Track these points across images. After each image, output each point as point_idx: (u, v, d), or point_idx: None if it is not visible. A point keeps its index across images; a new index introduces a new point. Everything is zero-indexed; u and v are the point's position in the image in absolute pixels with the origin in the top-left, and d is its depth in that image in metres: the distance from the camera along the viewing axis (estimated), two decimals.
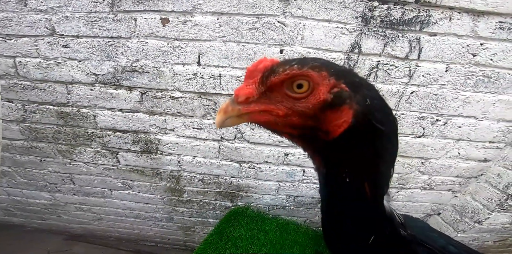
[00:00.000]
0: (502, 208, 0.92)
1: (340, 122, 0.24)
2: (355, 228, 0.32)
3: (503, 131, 0.87)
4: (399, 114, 0.85)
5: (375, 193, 0.27)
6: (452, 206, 1.11)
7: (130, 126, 0.94)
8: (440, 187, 1.04)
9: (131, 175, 1.07)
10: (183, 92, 0.86)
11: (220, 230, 0.89)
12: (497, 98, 0.80)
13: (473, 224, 1.02)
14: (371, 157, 0.25)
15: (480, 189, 1.00)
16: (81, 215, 1.34)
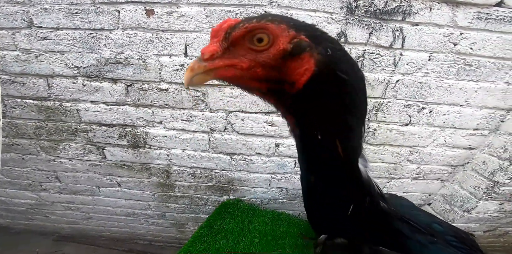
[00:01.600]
0: (489, 196, 0.95)
1: (302, 70, 0.25)
2: (332, 195, 0.32)
3: (486, 118, 0.89)
4: (386, 102, 0.86)
5: (347, 151, 0.28)
6: (441, 195, 1.14)
7: (115, 119, 0.91)
8: (429, 176, 1.06)
9: (119, 171, 1.05)
10: (170, 84, 0.84)
11: (210, 223, 0.89)
12: (479, 85, 0.82)
13: (463, 213, 1.04)
14: (339, 110, 0.25)
15: (467, 177, 1.03)
16: (69, 214, 1.30)
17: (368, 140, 0.94)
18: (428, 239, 0.38)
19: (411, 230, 0.37)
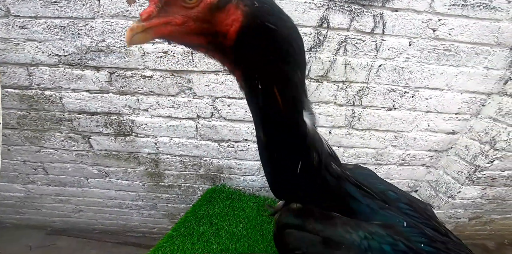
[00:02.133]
0: (471, 181, 0.98)
1: (230, 21, 0.27)
2: (280, 153, 0.32)
3: (467, 102, 0.92)
4: (370, 86, 0.88)
5: (287, 103, 0.28)
6: (427, 182, 1.17)
7: (100, 107, 0.90)
8: (415, 162, 1.09)
9: (107, 161, 1.04)
10: (155, 71, 0.84)
11: (195, 208, 0.90)
12: (459, 70, 0.84)
13: (447, 199, 1.08)
14: (273, 59, 0.27)
15: (451, 163, 1.06)
16: (60, 207, 1.29)
17: (354, 125, 0.95)
18: (379, 204, 0.39)
19: (363, 195, 0.38)
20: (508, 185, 1.03)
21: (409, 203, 0.44)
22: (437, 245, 0.37)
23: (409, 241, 0.35)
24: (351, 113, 0.93)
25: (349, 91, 0.89)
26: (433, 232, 0.39)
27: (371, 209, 0.38)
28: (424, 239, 0.37)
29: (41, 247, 1.49)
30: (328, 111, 0.92)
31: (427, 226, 0.40)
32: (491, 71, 0.84)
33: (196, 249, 0.75)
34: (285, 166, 0.34)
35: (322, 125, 0.95)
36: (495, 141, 0.89)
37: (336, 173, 0.35)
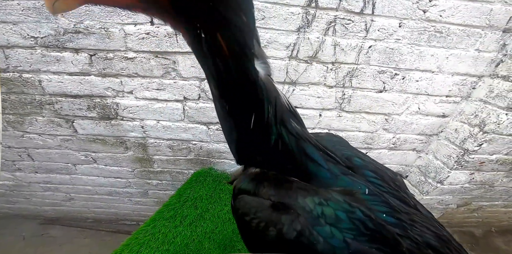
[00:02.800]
0: (459, 165, 0.99)
1: None
2: (231, 103, 0.30)
3: (458, 85, 0.91)
4: (360, 68, 0.86)
5: (232, 48, 0.26)
6: (417, 167, 1.18)
7: (82, 90, 0.87)
8: (405, 146, 1.09)
9: (93, 146, 1.02)
10: (138, 52, 0.80)
11: (180, 192, 0.89)
12: (450, 52, 0.83)
13: (436, 184, 1.08)
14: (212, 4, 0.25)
15: (440, 147, 1.06)
16: (50, 195, 1.28)
17: (344, 107, 0.94)
18: (341, 170, 0.37)
19: (325, 159, 0.36)
20: (496, 170, 1.04)
21: (376, 171, 0.41)
22: (401, 216, 0.34)
23: (369, 209, 0.33)
24: (341, 95, 0.91)
25: (338, 73, 0.87)
26: (398, 203, 0.37)
27: (332, 174, 0.35)
28: (386, 208, 0.34)
29: (34, 236, 1.49)
30: (317, 92, 0.90)
31: (394, 196, 0.38)
32: (483, 53, 0.83)
33: (179, 232, 0.74)
34: (239, 121, 0.32)
35: (312, 107, 0.94)
36: (484, 124, 0.88)
37: (295, 131, 0.33)
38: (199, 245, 0.71)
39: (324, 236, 0.29)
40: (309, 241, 0.29)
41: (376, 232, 0.30)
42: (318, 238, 0.29)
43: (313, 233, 0.29)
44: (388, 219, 0.33)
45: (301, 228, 0.29)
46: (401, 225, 0.33)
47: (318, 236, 0.29)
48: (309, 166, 0.34)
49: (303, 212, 0.31)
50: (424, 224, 0.35)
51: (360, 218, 0.31)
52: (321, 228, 0.29)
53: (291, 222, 0.30)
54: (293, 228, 0.29)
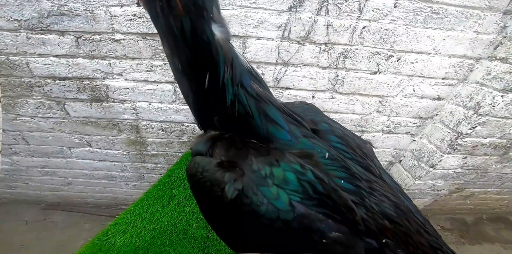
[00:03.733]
0: (452, 149, 0.98)
1: None
2: (184, 62, 0.29)
3: (454, 67, 0.88)
4: (354, 49, 0.84)
5: (188, 6, 0.25)
6: (411, 151, 1.18)
7: (70, 72, 0.86)
8: (399, 130, 1.08)
9: (86, 129, 1.03)
10: (125, 34, 0.79)
11: (169, 172, 0.89)
12: (447, 34, 0.80)
13: (428, 168, 1.08)
14: None
15: (434, 130, 1.05)
16: (49, 180, 1.31)
17: (338, 89, 0.93)
18: (303, 132, 0.34)
19: (288, 121, 0.34)
20: (489, 154, 1.04)
21: (342, 136, 0.39)
22: (360, 183, 0.32)
23: (324, 173, 0.31)
24: (335, 76, 0.90)
25: (331, 54, 0.85)
26: (361, 170, 0.35)
27: (293, 136, 0.33)
28: (345, 174, 0.32)
29: (36, 221, 1.54)
30: (310, 73, 0.89)
31: (357, 163, 0.36)
32: (481, 35, 0.80)
33: (166, 212, 0.74)
34: (193, 81, 0.30)
35: (305, 89, 0.92)
36: (479, 106, 0.87)
37: (255, 93, 0.31)
38: (187, 225, 0.71)
39: (269, 197, 0.27)
40: (251, 202, 0.27)
41: (326, 197, 0.28)
42: (262, 199, 0.27)
43: (257, 193, 0.27)
44: (345, 185, 0.31)
45: (244, 187, 0.28)
46: (358, 192, 0.31)
47: (263, 197, 0.27)
48: (269, 128, 0.32)
49: (249, 171, 0.29)
50: (384, 194, 0.33)
51: (310, 180, 0.29)
52: (267, 189, 0.27)
53: (234, 181, 0.28)
54: (234, 187, 0.28)
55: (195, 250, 0.65)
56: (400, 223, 0.31)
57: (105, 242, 0.64)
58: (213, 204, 0.29)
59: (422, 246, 0.31)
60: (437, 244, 0.32)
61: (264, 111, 0.32)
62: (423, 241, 0.31)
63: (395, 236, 0.30)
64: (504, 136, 0.93)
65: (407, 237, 0.31)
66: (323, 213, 0.27)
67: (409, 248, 0.30)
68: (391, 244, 0.29)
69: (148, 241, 0.65)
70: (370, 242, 0.28)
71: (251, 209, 0.27)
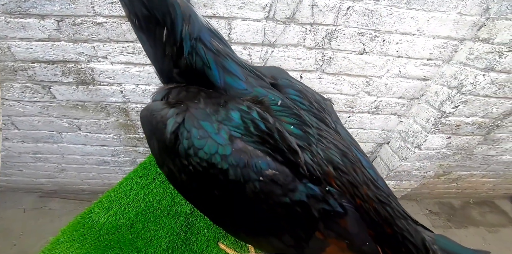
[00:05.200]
0: (436, 128, 1.00)
1: None
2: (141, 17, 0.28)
3: (439, 48, 0.89)
4: (339, 29, 0.83)
5: None
6: (398, 132, 1.20)
7: (53, 55, 0.86)
8: (386, 110, 1.10)
9: (74, 112, 1.03)
10: (107, 17, 0.78)
11: None
12: (430, 15, 0.80)
13: (414, 149, 1.11)
14: None
15: (420, 110, 1.07)
16: (42, 166, 1.32)
17: (325, 69, 0.93)
18: (261, 84, 0.34)
19: (246, 74, 0.33)
20: (472, 134, 1.06)
21: (301, 90, 0.37)
22: (309, 130, 0.31)
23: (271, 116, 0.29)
24: (321, 56, 0.90)
25: (317, 34, 0.85)
26: (314, 120, 0.34)
27: (249, 85, 0.32)
28: (296, 121, 0.31)
29: (34, 209, 1.57)
30: (297, 54, 0.89)
31: (312, 115, 0.35)
32: (465, 17, 0.81)
33: (151, 189, 0.75)
34: (152, 37, 0.30)
35: (292, 69, 0.93)
36: (462, 85, 0.88)
37: (215, 48, 0.31)
38: (171, 202, 0.72)
39: (210, 131, 0.26)
40: (191, 135, 0.26)
41: (268, 135, 0.28)
42: (202, 133, 0.26)
43: (198, 127, 0.27)
44: (294, 130, 0.30)
45: (185, 120, 0.27)
46: (306, 138, 0.30)
47: (203, 131, 0.26)
48: (226, 79, 0.32)
49: (193, 108, 0.28)
50: (333, 142, 0.32)
51: (254, 118, 0.28)
52: (208, 124, 0.27)
53: (176, 115, 0.28)
54: (175, 120, 0.27)
55: (178, 225, 0.66)
56: (345, 171, 0.31)
57: (88, 219, 0.66)
58: (159, 142, 0.28)
59: (369, 199, 0.31)
60: (386, 199, 0.32)
61: (222, 64, 0.32)
62: (371, 195, 0.31)
63: (340, 185, 0.30)
64: (486, 115, 0.95)
65: (353, 187, 0.30)
66: (262, 151, 0.27)
67: (356, 201, 0.30)
68: (336, 193, 0.29)
69: (132, 217, 0.67)
70: (313, 188, 0.28)
71: (190, 143, 0.26)
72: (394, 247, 0.31)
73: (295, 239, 0.30)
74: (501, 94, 0.87)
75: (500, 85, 0.84)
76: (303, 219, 0.28)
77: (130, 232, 0.63)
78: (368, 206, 0.31)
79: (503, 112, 0.94)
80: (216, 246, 0.63)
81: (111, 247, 0.59)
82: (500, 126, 1.16)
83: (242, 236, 0.34)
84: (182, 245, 0.62)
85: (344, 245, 0.30)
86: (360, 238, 0.30)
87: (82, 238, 0.60)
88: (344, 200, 0.30)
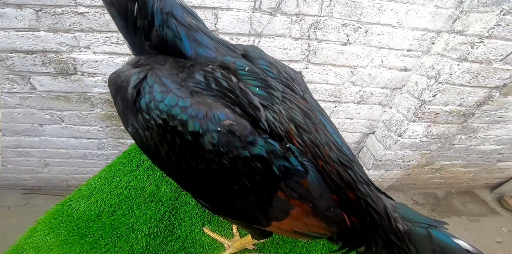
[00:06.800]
0: (417, 116, 1.05)
1: None
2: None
3: (417, 39, 0.93)
4: (323, 20, 0.85)
5: None
6: (383, 122, 1.24)
7: (32, 45, 0.83)
8: (371, 100, 1.14)
9: (56, 104, 1.00)
10: (89, 7, 0.76)
11: None
12: (409, 7, 0.84)
13: (397, 138, 1.15)
14: None
15: (402, 100, 1.11)
16: (24, 161, 1.28)
17: (311, 59, 0.95)
18: (231, 53, 0.34)
19: (216, 45, 0.33)
20: (450, 122, 1.11)
21: (271, 62, 0.38)
22: (274, 92, 0.31)
23: (236, 77, 0.29)
24: (307, 46, 0.92)
25: (303, 24, 0.86)
26: (281, 86, 0.34)
27: (218, 54, 0.33)
28: (261, 84, 0.31)
29: (18, 206, 1.52)
30: (283, 44, 0.90)
31: (280, 82, 0.35)
32: (441, 9, 0.85)
33: (135, 176, 0.74)
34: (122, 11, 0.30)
35: (279, 59, 0.93)
36: (439, 75, 0.93)
37: (187, 23, 0.31)
38: (156, 189, 0.71)
39: (171, 86, 0.27)
40: (152, 89, 0.26)
41: (229, 91, 0.28)
42: (163, 88, 0.27)
43: (159, 82, 0.27)
44: (258, 92, 0.31)
45: (147, 76, 0.27)
46: (269, 98, 0.31)
47: (165, 86, 0.27)
48: (197, 50, 0.32)
49: (158, 68, 0.28)
50: (297, 104, 0.32)
51: (217, 77, 0.28)
52: (170, 80, 0.27)
53: (138, 72, 0.28)
54: (137, 76, 0.27)
55: (162, 211, 0.66)
56: (307, 130, 0.31)
57: (67, 207, 0.64)
58: (123, 100, 0.29)
59: (331, 161, 0.31)
60: (348, 163, 0.32)
61: (194, 37, 0.32)
62: (333, 156, 0.31)
63: (301, 144, 0.30)
64: (462, 103, 1.00)
65: (315, 147, 0.30)
66: (222, 104, 0.27)
67: (318, 162, 0.30)
68: (296, 151, 0.29)
69: (114, 205, 0.66)
70: (273, 144, 0.28)
71: (152, 97, 0.26)
72: (359, 215, 0.32)
73: (258, 199, 0.30)
74: (475, 83, 0.92)
75: (474, 75, 0.89)
76: (264, 176, 0.28)
77: (111, 219, 0.62)
78: (330, 169, 0.31)
79: (477, 101, 0.99)
80: (201, 231, 0.64)
81: (90, 234, 0.58)
82: (476, 115, 1.23)
83: (208, 200, 0.33)
84: (165, 230, 0.62)
85: (308, 208, 0.31)
86: (323, 202, 0.31)
87: (60, 225, 0.59)
88: (305, 159, 0.30)
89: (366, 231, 0.33)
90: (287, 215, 0.32)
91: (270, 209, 0.31)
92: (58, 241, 0.55)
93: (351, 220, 0.33)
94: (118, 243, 0.57)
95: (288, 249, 0.64)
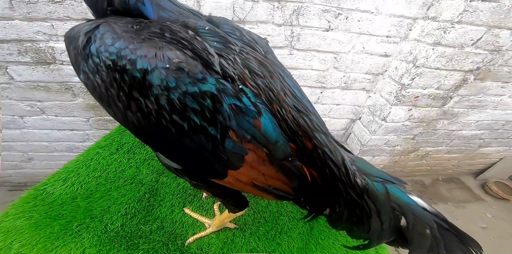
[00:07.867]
0: (398, 100, 1.07)
1: None
2: None
3: (395, 26, 0.96)
4: (305, 6, 0.87)
5: None
6: (367, 107, 1.27)
7: (7, 34, 0.82)
8: (355, 85, 1.16)
9: (35, 94, 0.98)
10: None
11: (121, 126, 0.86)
12: None
13: (381, 122, 1.18)
14: None
15: (385, 85, 1.14)
16: (6, 156, 1.25)
17: (295, 45, 0.97)
18: (193, 16, 0.34)
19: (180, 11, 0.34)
20: (430, 105, 1.15)
21: (236, 27, 0.38)
22: (232, 46, 0.31)
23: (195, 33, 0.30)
24: (290, 33, 0.93)
25: (285, 11, 0.87)
26: (241, 44, 0.34)
27: (181, 17, 0.33)
28: (220, 40, 0.31)
29: (3, 204, 1.47)
30: (267, 30, 0.91)
31: (242, 42, 0.35)
32: None
33: (114, 159, 0.72)
34: None
35: None
36: (416, 59, 0.96)
37: None
38: (137, 171, 0.70)
39: (124, 34, 0.27)
40: (103, 36, 0.27)
41: (183, 39, 0.28)
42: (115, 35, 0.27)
43: (111, 30, 0.27)
44: (216, 45, 0.31)
45: (99, 27, 0.27)
46: (225, 50, 0.30)
47: (118, 34, 0.27)
48: (160, 13, 0.32)
49: (112, 22, 0.28)
50: (254, 56, 0.32)
51: (172, 28, 0.28)
52: (122, 30, 0.27)
53: (91, 23, 0.28)
54: (89, 27, 0.28)
55: (141, 193, 0.65)
56: (261, 75, 0.30)
57: (42, 191, 0.62)
58: (75, 48, 0.29)
59: (287, 106, 0.30)
60: (305, 110, 0.31)
61: (157, 2, 0.32)
62: (288, 102, 0.31)
63: (254, 86, 0.30)
64: (440, 87, 1.04)
65: (269, 91, 0.30)
66: (174, 47, 0.27)
67: (273, 106, 0.30)
68: (249, 92, 0.29)
69: (91, 188, 0.64)
70: (224, 84, 0.28)
71: (102, 42, 0.26)
72: (318, 167, 0.32)
73: (210, 139, 0.29)
74: (450, 67, 0.95)
75: (448, 58, 0.92)
76: (214, 114, 0.28)
77: (87, 202, 0.61)
78: (285, 113, 0.30)
79: (454, 84, 1.03)
80: (181, 212, 0.64)
81: (63, 216, 0.57)
82: (455, 99, 1.27)
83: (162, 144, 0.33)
84: (144, 211, 0.61)
85: (263, 154, 0.30)
86: (280, 148, 0.30)
87: (32, 209, 0.58)
88: (259, 100, 0.30)
89: (327, 186, 0.33)
90: (242, 161, 0.31)
91: (223, 152, 0.30)
92: (29, 224, 0.54)
93: (312, 174, 0.32)
94: (91, 223, 0.56)
95: (269, 227, 0.65)
